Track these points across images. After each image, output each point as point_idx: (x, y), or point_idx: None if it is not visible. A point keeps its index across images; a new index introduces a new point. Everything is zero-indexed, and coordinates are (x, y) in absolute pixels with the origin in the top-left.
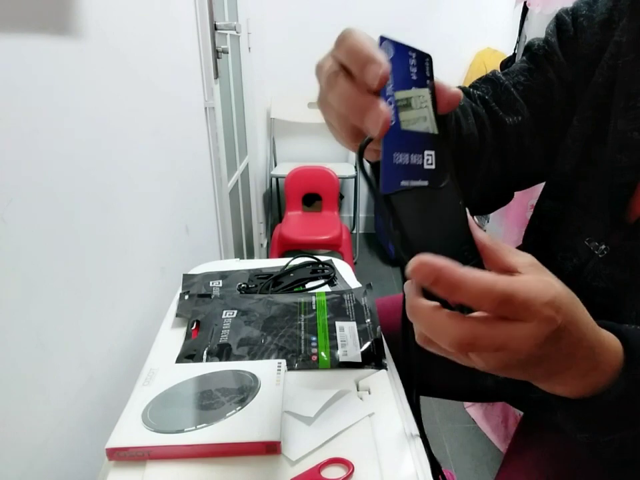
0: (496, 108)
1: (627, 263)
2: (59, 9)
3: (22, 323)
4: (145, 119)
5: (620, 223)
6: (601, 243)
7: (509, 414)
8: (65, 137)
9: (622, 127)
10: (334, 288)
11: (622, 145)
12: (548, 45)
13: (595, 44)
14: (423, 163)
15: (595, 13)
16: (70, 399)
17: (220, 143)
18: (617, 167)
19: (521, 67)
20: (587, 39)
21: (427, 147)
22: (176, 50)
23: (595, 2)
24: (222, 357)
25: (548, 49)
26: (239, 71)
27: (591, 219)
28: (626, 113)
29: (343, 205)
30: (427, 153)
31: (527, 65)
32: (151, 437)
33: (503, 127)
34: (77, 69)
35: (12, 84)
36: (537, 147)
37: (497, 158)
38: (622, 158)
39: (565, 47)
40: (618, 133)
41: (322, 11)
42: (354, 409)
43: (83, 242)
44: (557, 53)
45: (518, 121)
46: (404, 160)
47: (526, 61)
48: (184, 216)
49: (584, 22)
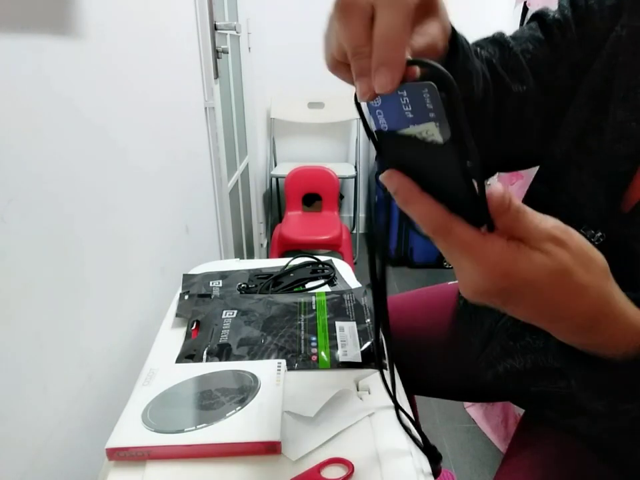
0: (503, 73)
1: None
2: (59, 9)
3: (22, 323)
4: (145, 119)
5: (614, 212)
6: (597, 230)
7: (509, 414)
8: (64, 137)
9: (621, 118)
10: (334, 288)
11: (621, 135)
12: (563, 18)
13: (603, 29)
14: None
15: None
16: (70, 399)
17: (220, 143)
18: (615, 156)
19: (530, 35)
20: (596, 22)
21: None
22: (176, 50)
23: None
24: (222, 357)
25: (563, 22)
26: (239, 71)
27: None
28: (625, 104)
29: (343, 205)
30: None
31: (537, 33)
32: (151, 437)
33: (507, 94)
34: (76, 69)
35: (12, 84)
36: (537, 122)
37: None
38: (620, 147)
39: (578, 24)
40: (617, 124)
41: (322, 11)
42: (354, 408)
43: (82, 242)
44: (572, 28)
45: (523, 90)
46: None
47: (537, 29)
48: (184, 216)
49: (595, 5)
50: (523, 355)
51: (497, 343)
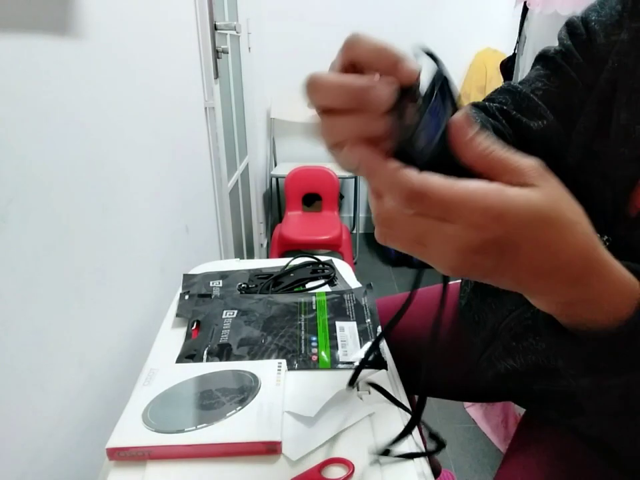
0: (518, 116)
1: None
2: (59, 9)
3: (22, 323)
4: (145, 119)
5: (621, 216)
6: (603, 234)
7: (509, 414)
8: (64, 137)
9: (624, 121)
10: (334, 288)
11: (625, 138)
12: (564, 48)
13: (608, 44)
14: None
15: (605, 17)
16: (70, 399)
17: (220, 143)
18: (620, 160)
19: (537, 75)
20: (602, 41)
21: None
22: (176, 50)
23: (603, 7)
24: (222, 357)
25: (565, 52)
26: (239, 71)
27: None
28: (629, 107)
29: (343, 205)
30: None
31: (543, 71)
32: (151, 437)
33: (528, 133)
34: (76, 69)
35: (12, 84)
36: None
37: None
38: (624, 151)
39: (581, 49)
40: (621, 127)
41: (322, 11)
42: (354, 408)
43: (82, 242)
44: (575, 54)
45: (544, 125)
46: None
47: (541, 68)
48: (184, 216)
49: (595, 26)
50: (524, 355)
51: (500, 343)
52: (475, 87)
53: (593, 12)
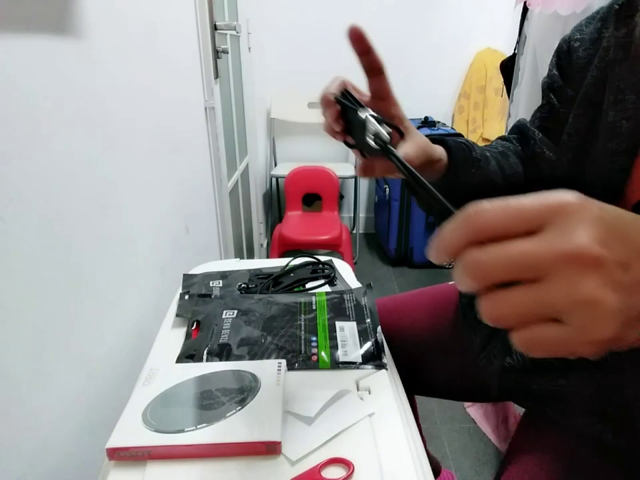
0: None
1: None
2: (59, 9)
3: (22, 323)
4: (145, 119)
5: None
6: None
7: (509, 414)
8: (64, 137)
9: (612, 118)
10: (334, 288)
11: (613, 134)
12: (549, 78)
13: (587, 57)
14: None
15: (586, 35)
16: (70, 399)
17: (220, 143)
18: (610, 154)
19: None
20: (580, 54)
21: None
22: (176, 50)
23: (588, 26)
24: (222, 357)
25: (549, 81)
26: (239, 71)
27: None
28: (616, 105)
29: (343, 205)
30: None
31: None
32: (151, 437)
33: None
34: (76, 69)
35: (12, 84)
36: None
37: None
38: (613, 145)
39: (562, 70)
40: (608, 124)
41: (322, 11)
42: (354, 408)
43: (82, 242)
44: (557, 80)
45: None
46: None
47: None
48: (184, 216)
49: (575, 44)
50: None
51: (498, 340)
52: (474, 87)
53: (577, 31)
